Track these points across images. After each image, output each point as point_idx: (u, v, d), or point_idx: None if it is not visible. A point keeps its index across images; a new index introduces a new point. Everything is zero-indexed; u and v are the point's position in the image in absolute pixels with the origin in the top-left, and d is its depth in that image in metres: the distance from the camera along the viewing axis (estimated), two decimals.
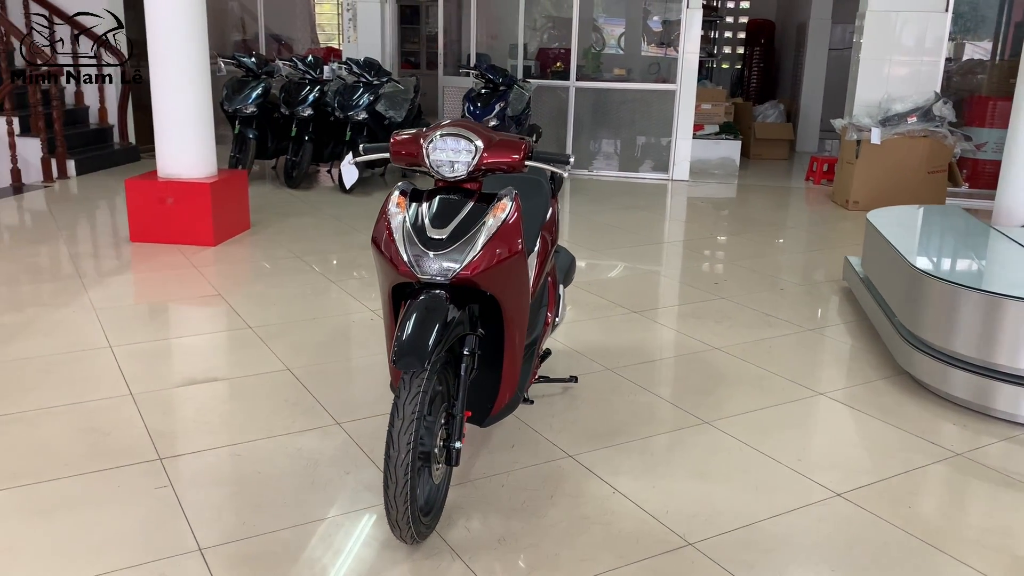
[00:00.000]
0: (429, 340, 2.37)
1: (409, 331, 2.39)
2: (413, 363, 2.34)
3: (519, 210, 2.66)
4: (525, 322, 2.81)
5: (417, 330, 2.39)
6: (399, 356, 2.34)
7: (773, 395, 3.73)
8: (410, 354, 2.34)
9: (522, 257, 2.65)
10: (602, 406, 3.55)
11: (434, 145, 2.60)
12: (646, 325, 4.57)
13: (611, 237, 6.71)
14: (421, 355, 2.34)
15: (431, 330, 2.39)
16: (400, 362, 2.33)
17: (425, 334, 2.38)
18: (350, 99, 7.79)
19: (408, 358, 2.34)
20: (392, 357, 2.35)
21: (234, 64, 8.15)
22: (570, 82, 9.34)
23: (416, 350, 2.35)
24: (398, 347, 2.35)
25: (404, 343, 2.36)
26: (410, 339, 2.37)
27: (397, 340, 2.38)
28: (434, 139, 2.60)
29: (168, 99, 5.75)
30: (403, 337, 2.38)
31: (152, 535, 2.58)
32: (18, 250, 5.90)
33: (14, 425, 3.25)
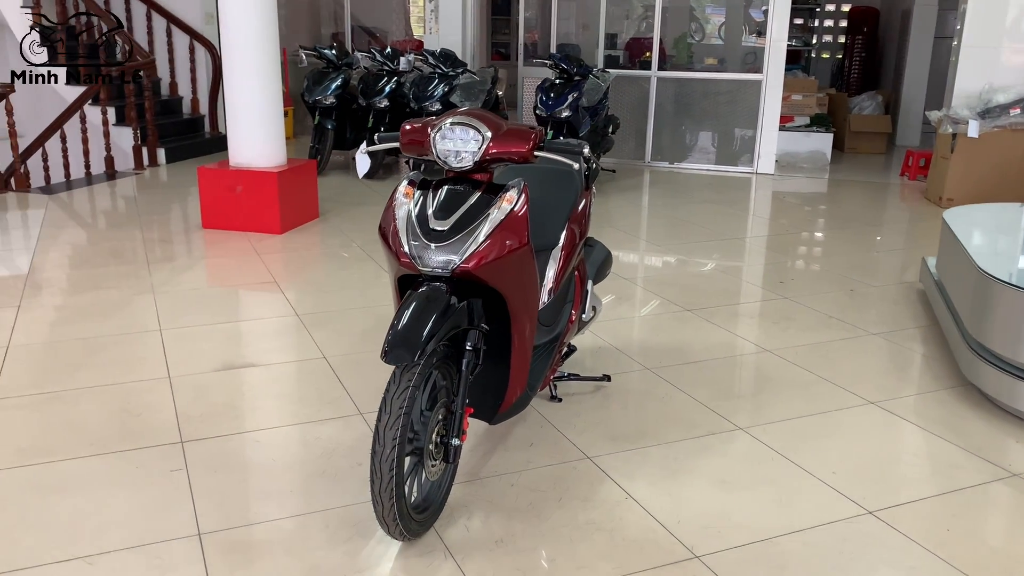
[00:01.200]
0: (422, 333, 2.31)
1: (402, 324, 2.34)
2: (403, 356, 2.29)
3: (527, 202, 2.57)
4: (533, 318, 2.72)
5: (410, 323, 2.34)
6: (389, 348, 2.29)
7: (819, 402, 3.52)
8: (400, 347, 2.29)
9: (527, 251, 2.56)
10: (632, 407, 3.43)
11: (441, 134, 2.53)
12: (697, 324, 4.40)
13: (681, 232, 6.51)
14: (412, 348, 2.29)
15: (425, 324, 2.34)
16: (390, 354, 2.28)
17: (418, 327, 2.33)
18: (425, 90, 7.81)
19: (398, 350, 2.29)
20: (383, 349, 2.30)
21: (315, 56, 8.30)
22: (652, 72, 9.11)
23: (407, 343, 2.30)
24: (390, 339, 2.31)
25: (395, 336, 2.31)
26: (402, 332, 2.32)
27: (389, 332, 2.33)
28: (442, 128, 2.54)
29: (238, 90, 5.89)
30: (395, 329, 2.33)
31: (156, 517, 2.62)
32: (99, 234, 6.16)
33: (55, 403, 3.37)
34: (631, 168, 9.08)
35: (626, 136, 9.24)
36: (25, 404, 3.35)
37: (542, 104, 7.51)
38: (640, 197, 7.78)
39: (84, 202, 7.18)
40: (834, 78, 13.48)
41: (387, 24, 13.98)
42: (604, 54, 9.86)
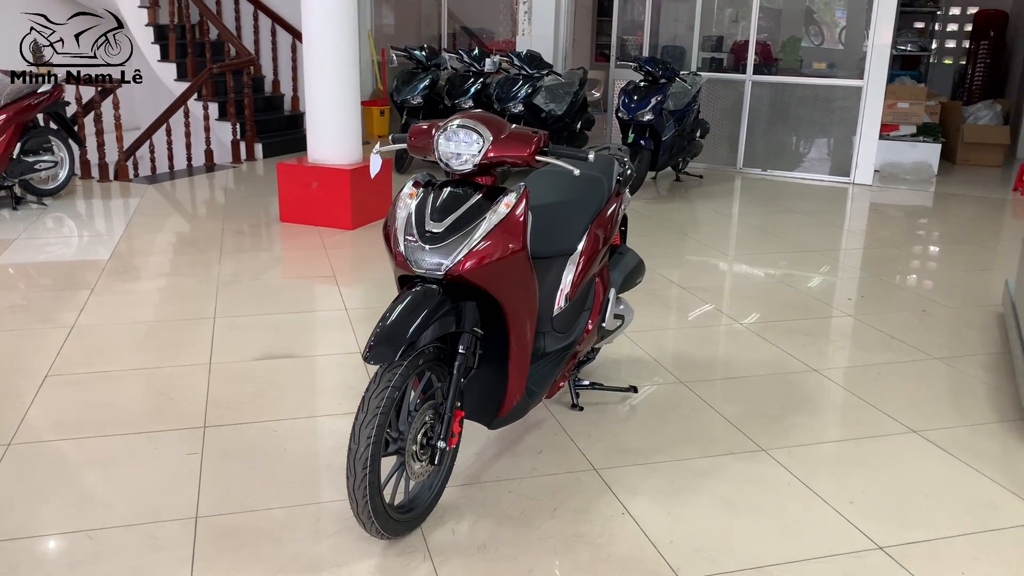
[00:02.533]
0: (406, 334, 2.32)
1: (387, 323, 2.36)
2: (383, 355, 2.30)
3: (526, 206, 2.55)
4: (532, 323, 2.69)
5: (395, 323, 2.35)
6: (371, 347, 2.31)
7: (856, 427, 3.34)
8: (382, 346, 2.31)
9: (523, 256, 2.54)
10: (653, 421, 3.34)
11: (445, 136, 2.54)
12: (747, 339, 4.24)
13: (759, 242, 6.29)
14: (393, 348, 2.30)
15: (410, 325, 2.35)
16: (372, 352, 2.30)
17: (403, 328, 2.34)
18: (508, 92, 7.84)
19: (380, 349, 2.30)
20: (366, 347, 2.32)
21: (405, 56, 8.46)
22: (746, 76, 8.85)
23: (389, 342, 2.31)
24: (373, 338, 2.33)
25: (379, 335, 2.33)
26: (386, 331, 2.34)
27: (374, 331, 2.35)
28: (446, 130, 2.54)
29: (317, 88, 6.07)
30: (380, 328, 2.35)
31: (161, 497, 2.73)
32: (184, 223, 6.48)
33: (99, 382, 3.56)
34: (721, 174, 8.85)
35: (718, 141, 9.01)
36: (74, 381, 3.55)
37: (624, 107, 7.41)
38: (724, 204, 7.57)
39: (178, 193, 7.56)
40: (956, 86, 12.74)
41: (494, 26, 14.11)
42: (705, 57, 9.66)
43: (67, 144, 6.84)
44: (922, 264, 6.05)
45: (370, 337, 2.34)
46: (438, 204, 2.52)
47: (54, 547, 2.49)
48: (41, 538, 2.52)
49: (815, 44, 10.50)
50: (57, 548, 2.48)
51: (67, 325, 4.13)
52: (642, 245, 6.08)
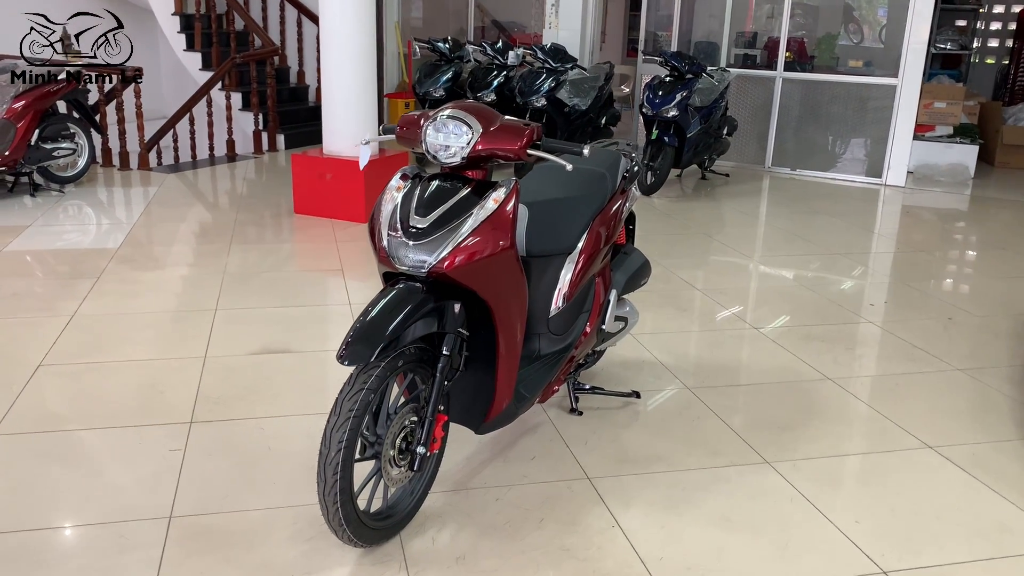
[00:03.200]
0: (383, 335, 2.22)
1: (364, 323, 2.25)
2: (358, 356, 2.20)
3: (515, 202, 2.43)
4: (521, 325, 2.57)
5: (372, 323, 2.25)
6: (346, 346, 2.20)
7: (869, 441, 3.18)
8: (357, 346, 2.20)
9: (510, 254, 2.42)
10: (655, 428, 3.20)
11: (435, 127, 2.43)
12: (762, 344, 4.08)
13: (781, 243, 6.11)
14: (369, 349, 2.20)
15: (387, 324, 2.24)
16: (347, 352, 2.20)
17: (380, 328, 2.23)
18: (531, 85, 7.71)
19: (355, 349, 2.20)
20: (341, 346, 2.22)
21: (428, 48, 8.36)
22: (776, 72, 8.62)
23: (365, 343, 2.21)
24: (348, 338, 2.22)
25: (354, 334, 2.23)
26: (361, 331, 2.23)
27: (350, 329, 2.25)
28: (435, 121, 2.43)
29: (332, 79, 5.99)
30: (356, 328, 2.24)
31: (138, 495, 2.65)
32: (198, 213, 6.43)
33: (92, 374, 3.51)
34: (749, 173, 8.64)
35: (746, 139, 8.80)
36: (66, 372, 3.50)
37: (648, 102, 7.24)
38: (750, 204, 7.37)
39: (197, 182, 7.53)
40: (997, 87, 12.37)
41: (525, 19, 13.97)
42: (738, 53, 9.45)
43: (87, 132, 6.84)
44: (952, 270, 5.83)
45: (346, 335, 2.24)
46: (424, 198, 2.41)
47: (19, 543, 2.41)
48: (9, 534, 2.45)
49: (854, 42, 10.22)
50: (23, 545, 2.41)
51: (67, 314, 4.09)
52: (662, 244, 5.95)
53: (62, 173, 6.71)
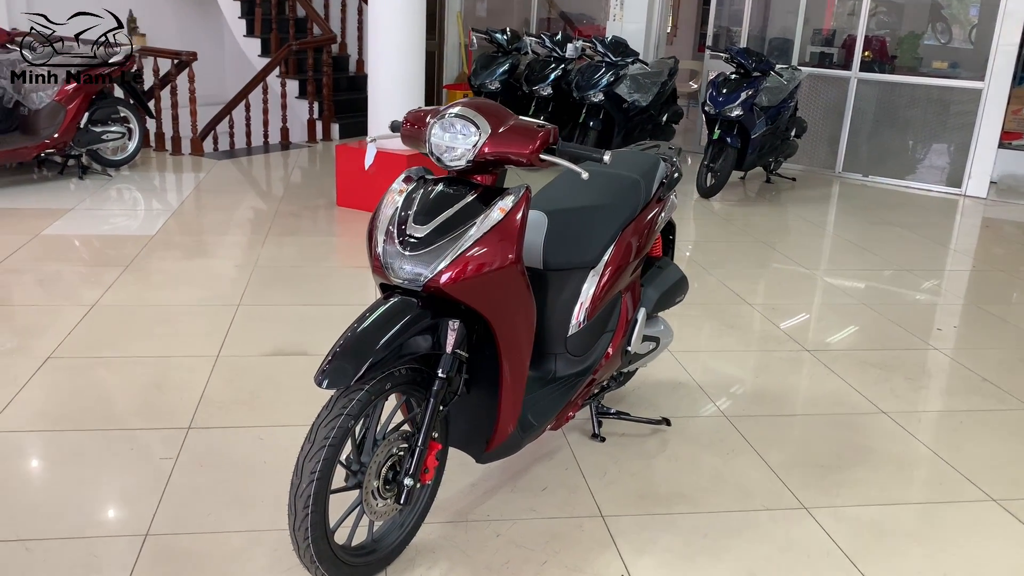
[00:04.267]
0: (367, 355, 2.00)
1: (348, 339, 2.04)
2: (337, 379, 1.99)
3: (524, 212, 2.18)
4: (527, 345, 2.33)
5: (356, 341, 2.04)
6: (325, 368, 1.99)
7: (922, 489, 2.84)
8: (338, 364, 1.99)
9: (514, 270, 2.18)
10: (684, 461, 2.92)
11: (442, 126, 2.20)
12: (811, 369, 3.75)
13: (845, 255, 5.71)
14: (349, 370, 1.98)
15: (374, 344, 2.03)
16: (325, 373, 1.99)
17: (365, 346, 2.02)
18: (589, 79, 7.41)
19: (335, 370, 1.99)
20: (320, 367, 2.01)
21: (486, 39, 8.14)
22: (851, 72, 8.15)
23: (346, 362, 1.99)
24: (329, 357, 2.02)
25: (336, 352, 2.02)
26: (344, 349, 2.02)
27: (333, 347, 2.05)
28: (444, 119, 2.20)
29: (379, 69, 5.82)
30: (338, 346, 2.03)
31: (118, 507, 2.51)
32: (240, 201, 6.33)
33: (99, 368, 3.39)
34: (817, 178, 8.20)
35: (816, 142, 8.36)
36: (74, 366, 3.39)
37: (711, 100, 6.89)
38: (816, 211, 6.96)
39: (245, 170, 7.45)
40: None
41: (596, 11, 13.63)
42: (814, 51, 8.98)
43: (139, 116, 6.81)
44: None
45: (328, 353, 2.03)
46: (425, 204, 2.18)
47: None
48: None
49: (941, 42, 9.63)
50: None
51: (88, 304, 4.00)
52: (716, 252, 5.62)
53: (112, 156, 6.70)
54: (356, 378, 1.99)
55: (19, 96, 6.05)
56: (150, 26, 9.87)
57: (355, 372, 1.98)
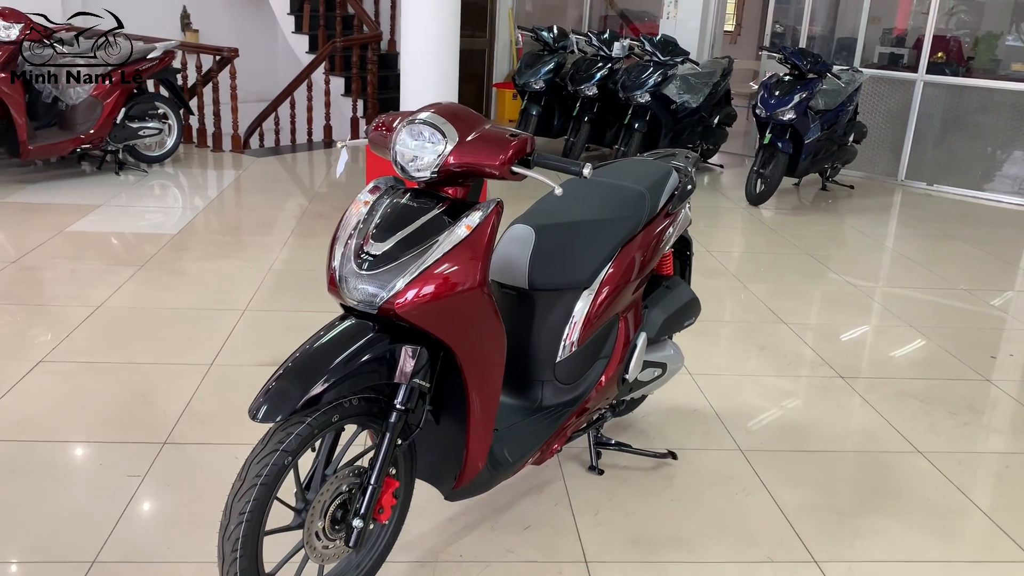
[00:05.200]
0: (309, 385, 1.82)
1: (288, 367, 1.86)
2: (271, 412, 1.80)
3: (493, 228, 1.97)
4: (495, 377, 2.12)
5: (297, 369, 1.86)
6: (261, 399, 1.81)
7: (954, 544, 2.54)
8: (275, 396, 1.81)
9: (478, 294, 1.97)
10: (686, 500, 2.67)
11: (409, 132, 2.00)
12: (843, 399, 3.45)
13: (901, 272, 5.33)
14: (285, 403, 1.80)
15: (318, 373, 1.84)
16: (259, 405, 1.81)
17: (307, 376, 1.84)
18: (636, 79, 7.14)
19: (270, 401, 1.81)
20: (255, 398, 1.83)
21: (532, 37, 7.93)
22: (917, 75, 7.69)
23: (283, 394, 1.81)
24: (265, 388, 1.84)
25: (274, 383, 1.84)
26: (283, 378, 1.84)
27: (273, 374, 1.87)
28: (413, 124, 2.00)
29: (412, 67, 5.67)
30: (276, 375, 1.86)
31: (69, 530, 2.37)
32: (270, 201, 6.23)
33: (88, 375, 3.29)
34: (877, 186, 7.77)
35: (877, 148, 7.92)
36: (63, 371, 3.30)
37: (762, 103, 6.55)
38: (874, 222, 6.56)
39: (283, 168, 7.37)
40: None
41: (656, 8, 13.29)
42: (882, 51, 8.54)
43: (177, 112, 6.79)
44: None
45: (267, 381, 1.86)
46: (387, 217, 1.99)
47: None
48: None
49: None
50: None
51: (93, 305, 3.92)
52: (757, 264, 5.30)
53: (150, 152, 6.69)
54: (293, 411, 1.80)
55: (57, 91, 6.07)
56: (203, 22, 9.93)
57: (293, 404, 1.80)
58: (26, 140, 5.77)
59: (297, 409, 1.81)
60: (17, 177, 6.15)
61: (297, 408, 1.81)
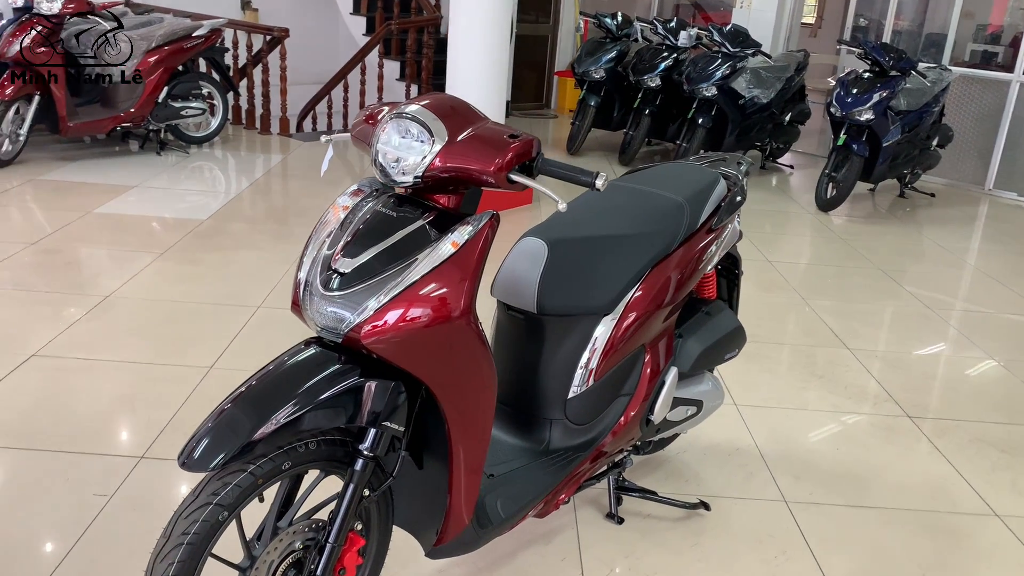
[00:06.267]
0: (249, 429, 1.52)
1: (228, 406, 1.57)
2: (206, 456, 1.51)
3: (484, 246, 1.65)
4: (484, 421, 1.80)
5: (243, 405, 1.56)
6: (190, 444, 1.52)
7: None
8: (207, 441, 1.52)
9: (461, 324, 1.64)
10: (714, 563, 2.31)
11: (395, 127, 1.68)
12: (910, 443, 3.03)
13: (982, 293, 4.82)
14: (227, 444, 1.51)
15: (266, 411, 1.54)
16: (186, 451, 1.52)
17: (249, 415, 1.54)
18: (702, 71, 6.69)
19: (202, 447, 1.51)
20: (190, 438, 1.54)
21: (595, 23, 7.53)
22: (1013, 75, 7.05)
23: (218, 440, 1.52)
24: (198, 432, 1.55)
25: (211, 422, 1.54)
26: (221, 420, 1.55)
27: (210, 415, 1.58)
28: (398, 119, 1.68)
29: (459, 54, 5.35)
30: (214, 413, 1.56)
31: (14, 557, 2.13)
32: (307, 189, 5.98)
33: (80, 374, 3.07)
34: (962, 195, 7.18)
35: (964, 153, 7.33)
36: (54, 368, 3.09)
37: (838, 101, 6.05)
38: (954, 235, 6.01)
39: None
40: None
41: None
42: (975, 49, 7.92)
43: (223, 92, 6.61)
44: None
45: (202, 423, 1.56)
46: (363, 228, 1.68)
47: None
48: None
49: None
50: None
51: (102, 295, 3.72)
52: (822, 278, 4.84)
53: (194, 133, 6.53)
54: (231, 458, 1.51)
55: (100, 68, 5.93)
56: (264, 1, 9.77)
57: (231, 449, 1.51)
58: (66, 116, 5.65)
59: (236, 455, 1.51)
60: (59, 154, 6.04)
61: (236, 454, 1.51)
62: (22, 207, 4.91)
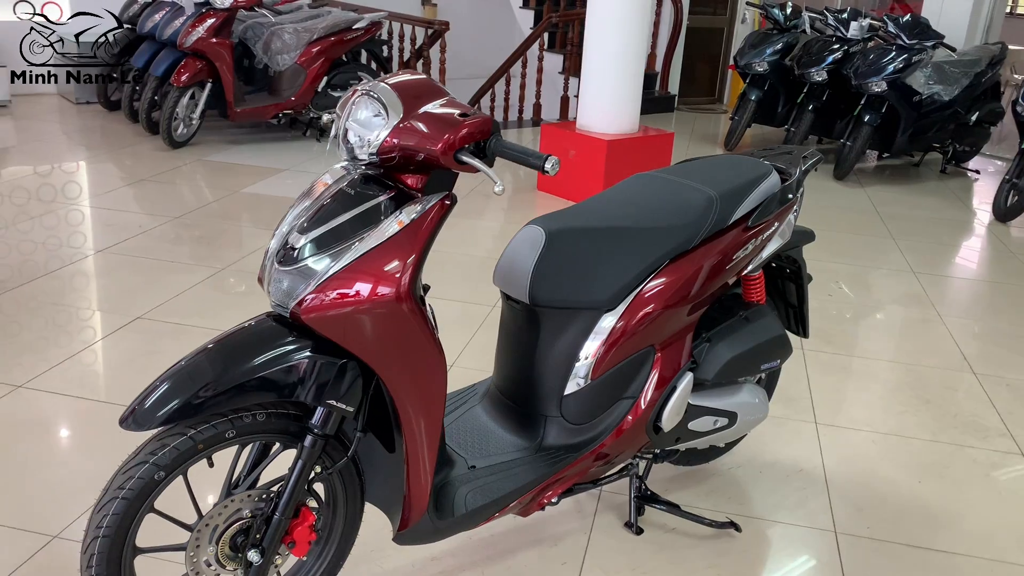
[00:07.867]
0: (190, 393, 1.57)
1: (176, 368, 1.62)
2: (145, 417, 1.57)
3: (433, 228, 1.61)
4: (432, 409, 1.75)
5: (188, 369, 1.61)
6: (135, 404, 1.59)
7: None
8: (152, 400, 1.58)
9: (398, 308, 1.60)
10: None
11: (364, 103, 1.68)
12: (1014, 486, 2.63)
13: None
14: (165, 406, 1.56)
15: (209, 376, 1.59)
16: (129, 411, 1.59)
17: (193, 379, 1.59)
18: (872, 65, 6.17)
19: (146, 406, 1.57)
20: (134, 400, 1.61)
21: (763, 13, 7.15)
22: None
23: (161, 401, 1.57)
24: (147, 389, 1.61)
25: (153, 387, 1.60)
26: (165, 380, 1.60)
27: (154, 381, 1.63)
28: (367, 95, 1.68)
29: (593, 48, 5.27)
30: (162, 376, 1.62)
31: None
32: None
33: (171, 338, 3.29)
34: None
35: None
36: (157, 330, 3.33)
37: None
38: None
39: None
40: None
41: None
42: None
43: None
44: None
45: (149, 385, 1.62)
46: (325, 205, 1.68)
47: None
48: None
49: None
50: None
51: (196, 281, 3.83)
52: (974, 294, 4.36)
53: None
54: (168, 420, 1.56)
55: (267, 58, 6.35)
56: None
57: (167, 412, 1.55)
58: (233, 102, 6.09)
59: (175, 417, 1.56)
60: (229, 138, 6.53)
61: (173, 417, 1.56)
62: (189, 183, 5.34)
